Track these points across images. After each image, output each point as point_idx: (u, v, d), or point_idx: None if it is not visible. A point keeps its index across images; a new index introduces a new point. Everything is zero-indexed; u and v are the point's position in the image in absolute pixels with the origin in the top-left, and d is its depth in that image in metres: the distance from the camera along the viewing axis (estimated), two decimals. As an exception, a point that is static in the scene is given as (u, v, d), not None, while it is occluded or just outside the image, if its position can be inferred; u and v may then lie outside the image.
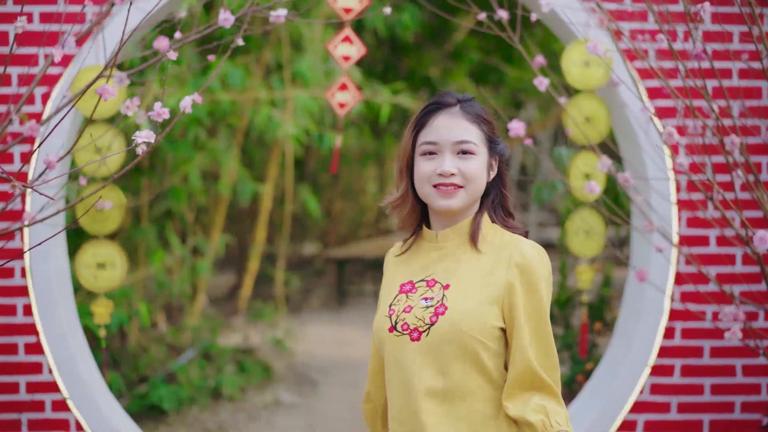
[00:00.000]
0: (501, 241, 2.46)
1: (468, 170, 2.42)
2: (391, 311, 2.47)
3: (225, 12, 3.25)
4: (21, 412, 4.30)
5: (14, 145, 3.50)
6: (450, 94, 2.51)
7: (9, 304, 4.30)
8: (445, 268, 2.46)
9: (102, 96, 2.78)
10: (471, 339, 2.35)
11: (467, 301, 2.38)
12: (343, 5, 4.45)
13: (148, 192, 8.06)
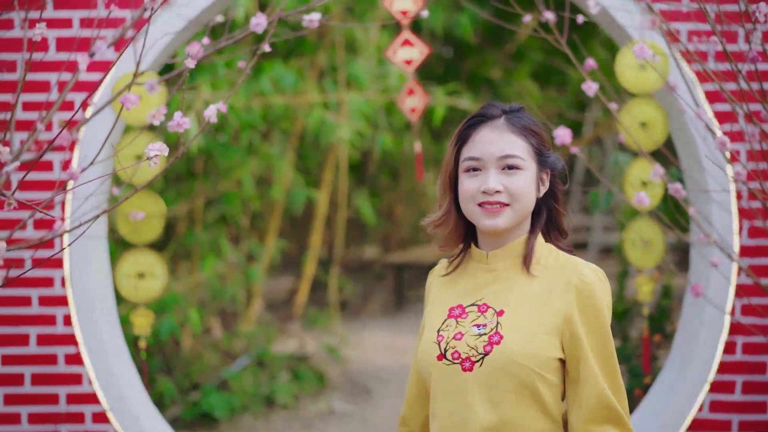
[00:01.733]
0: (557, 262, 2.32)
1: (514, 187, 2.27)
2: (440, 338, 2.30)
3: (257, 17, 3.15)
4: (60, 424, 4.25)
5: (46, 153, 3.42)
6: (495, 105, 2.35)
7: (49, 314, 4.25)
8: (498, 292, 2.31)
9: (124, 105, 2.69)
10: (529, 371, 2.21)
11: (524, 331, 2.23)
12: (400, 8, 4.31)
13: (202, 197, 8.01)
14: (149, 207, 4.25)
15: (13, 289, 4.23)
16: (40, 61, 4.18)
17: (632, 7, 4.02)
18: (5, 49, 4.17)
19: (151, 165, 2.17)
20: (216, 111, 2.65)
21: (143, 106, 3.88)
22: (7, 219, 4.14)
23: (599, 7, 3.55)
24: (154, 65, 4.18)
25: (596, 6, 3.51)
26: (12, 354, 4.25)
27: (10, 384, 4.25)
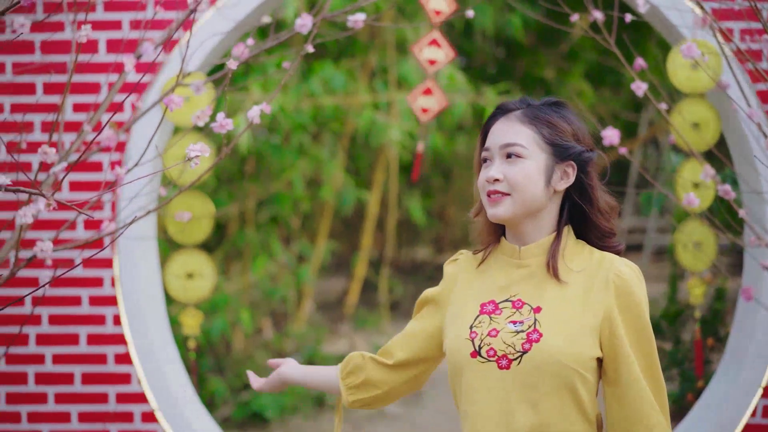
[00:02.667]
0: (591, 259, 2.25)
1: (512, 175, 2.21)
2: (473, 334, 2.22)
3: (302, 17, 3.14)
4: (110, 423, 4.28)
5: (94, 154, 3.45)
6: (524, 100, 2.32)
7: (98, 314, 4.28)
8: (532, 288, 2.24)
9: (168, 106, 2.69)
10: (570, 371, 2.15)
11: (565, 329, 2.17)
12: (434, 7, 4.30)
13: (254, 198, 8.04)
14: (197, 208, 4.27)
15: (64, 289, 4.28)
16: (90, 63, 4.21)
17: (684, 6, 3.96)
18: (55, 51, 4.22)
19: (192, 165, 2.16)
20: (259, 112, 2.64)
21: (191, 107, 3.90)
22: (58, 220, 4.18)
23: (648, 6, 3.49)
24: (202, 66, 4.19)
25: (645, 5, 3.45)
26: (62, 353, 4.29)
27: (61, 383, 4.30)
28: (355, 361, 2.56)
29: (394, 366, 2.50)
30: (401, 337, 2.52)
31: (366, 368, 2.53)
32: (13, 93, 4.22)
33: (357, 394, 2.54)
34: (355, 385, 2.54)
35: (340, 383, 2.55)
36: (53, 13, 4.07)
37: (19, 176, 4.03)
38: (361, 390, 2.54)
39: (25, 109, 4.20)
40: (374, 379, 2.52)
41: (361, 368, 2.54)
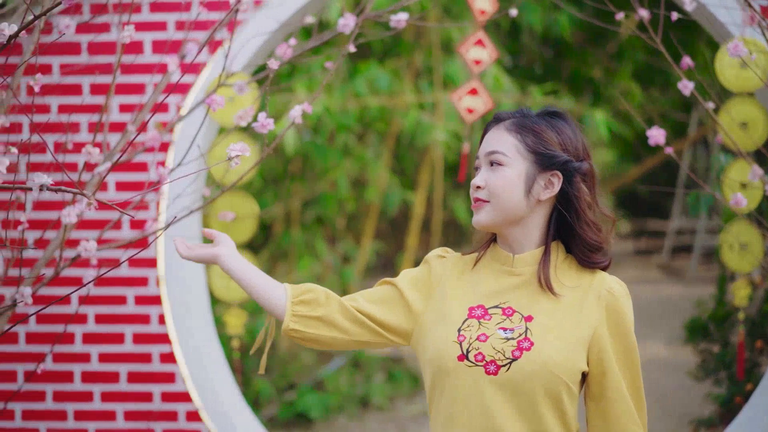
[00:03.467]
0: (583, 274, 2.26)
1: (492, 183, 2.21)
2: (461, 337, 2.19)
3: (345, 17, 3.14)
4: (155, 421, 4.31)
5: (138, 154, 3.47)
6: (520, 110, 2.32)
7: (143, 313, 4.32)
8: (524, 297, 2.23)
9: (211, 106, 2.70)
10: (559, 381, 2.14)
11: (556, 340, 2.16)
12: (479, 7, 4.28)
13: (299, 198, 8.07)
14: (242, 208, 4.28)
15: (110, 288, 4.31)
16: (136, 64, 4.25)
17: (731, 3, 3.90)
18: (101, 52, 4.25)
19: (233, 165, 2.17)
20: (301, 111, 2.64)
21: (235, 108, 3.91)
22: (103, 220, 4.21)
23: (695, 4, 3.44)
24: (247, 67, 4.21)
25: (692, 2, 3.40)
26: (108, 352, 4.33)
27: (107, 381, 4.33)
28: (316, 295, 2.38)
29: (361, 322, 2.36)
30: (378, 297, 2.39)
31: (327, 306, 2.36)
32: (60, 94, 4.26)
33: (302, 325, 2.35)
34: (305, 315, 2.35)
35: (288, 305, 2.36)
36: (99, 15, 4.11)
37: (65, 177, 4.07)
38: (309, 324, 2.34)
39: (72, 110, 4.24)
40: (332, 321, 2.35)
41: (319, 304, 2.36)
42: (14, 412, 4.34)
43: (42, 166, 3.96)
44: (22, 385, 4.24)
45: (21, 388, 4.24)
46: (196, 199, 4.16)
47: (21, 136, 4.16)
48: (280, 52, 3.18)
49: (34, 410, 4.35)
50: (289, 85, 5.10)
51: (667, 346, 10.01)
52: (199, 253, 2.46)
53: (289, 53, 3.18)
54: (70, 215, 2.72)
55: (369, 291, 2.42)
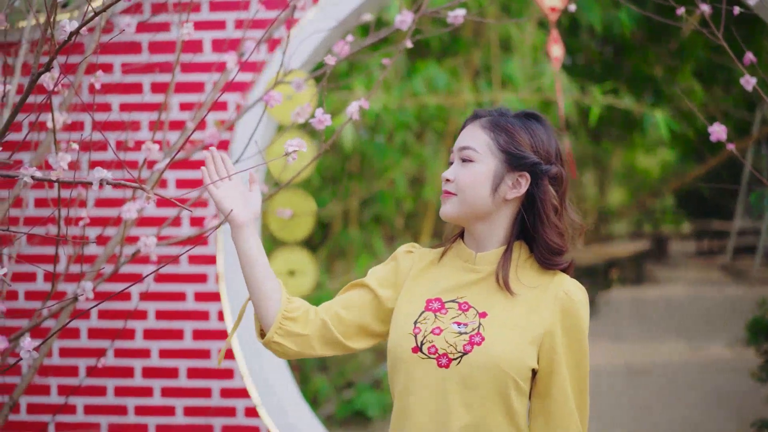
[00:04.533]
0: (543, 275, 2.28)
1: (460, 177, 2.26)
2: (417, 330, 2.24)
3: (403, 14, 3.13)
4: (213, 417, 4.34)
5: (196, 153, 3.50)
6: (498, 109, 2.35)
7: (203, 310, 4.35)
8: (481, 294, 2.27)
9: (268, 103, 2.72)
10: (506, 376, 2.17)
11: (507, 337, 2.20)
12: (550, 4, 4.23)
13: (357, 197, 8.08)
14: (299, 205, 4.30)
15: (170, 285, 4.35)
16: (196, 63, 4.28)
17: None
18: (162, 51, 4.30)
19: (290, 161, 2.18)
20: (358, 108, 2.65)
21: (293, 105, 3.92)
22: (163, 217, 4.26)
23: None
24: (305, 65, 4.23)
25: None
26: (168, 348, 4.37)
27: (167, 377, 4.37)
28: (306, 313, 2.34)
29: (347, 347, 2.36)
30: (355, 305, 2.37)
31: (314, 327, 2.34)
32: (121, 92, 4.31)
33: (286, 340, 2.32)
34: (291, 332, 2.32)
35: (278, 317, 2.31)
36: (159, 14, 4.15)
37: (126, 174, 4.12)
38: (294, 340, 2.32)
39: (133, 108, 4.29)
40: (315, 343, 2.34)
41: (306, 323, 2.33)
42: (76, 407, 4.40)
43: (103, 163, 4.00)
44: (83, 379, 4.30)
45: (82, 383, 4.31)
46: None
47: (83, 134, 4.21)
48: (337, 49, 3.18)
49: (96, 405, 4.40)
50: (347, 81, 5.12)
51: (729, 348, 9.90)
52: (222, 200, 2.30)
53: (346, 50, 3.18)
54: (130, 211, 2.75)
55: (344, 299, 2.40)
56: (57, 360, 4.41)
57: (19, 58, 3.74)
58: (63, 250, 4.17)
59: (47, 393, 4.41)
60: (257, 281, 2.31)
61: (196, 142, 3.91)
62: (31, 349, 2.27)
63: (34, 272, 4.40)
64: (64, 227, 3.25)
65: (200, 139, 4.01)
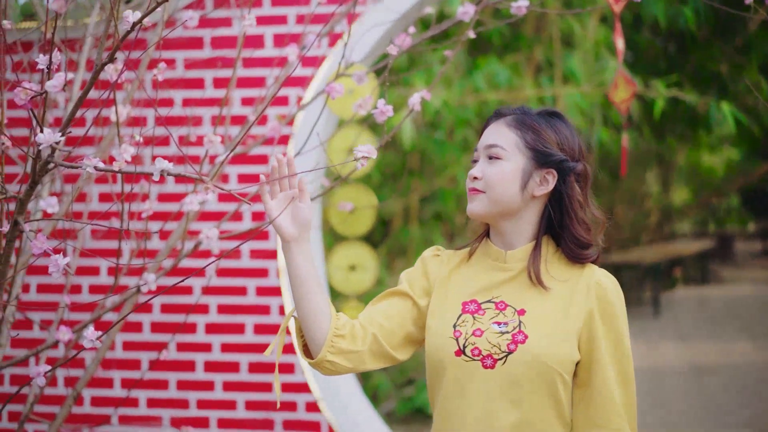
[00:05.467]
0: (572, 268, 2.30)
1: (488, 174, 2.25)
2: (457, 333, 2.24)
3: (465, 5, 3.10)
4: (275, 411, 4.35)
5: (259, 147, 3.50)
6: (521, 108, 2.35)
7: (264, 304, 4.36)
8: (516, 292, 2.28)
9: (330, 94, 2.70)
10: (552, 372, 2.19)
11: (548, 332, 2.21)
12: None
13: (417, 194, 8.05)
14: (360, 199, 4.29)
15: (231, 279, 4.37)
16: (257, 58, 4.29)
17: None
18: (224, 46, 4.32)
19: (359, 166, 2.19)
20: (419, 99, 2.63)
21: (354, 99, 3.91)
22: (224, 212, 4.27)
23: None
24: (366, 59, 4.22)
25: (826, -16, 3.26)
26: (230, 342, 4.39)
27: (228, 371, 4.39)
28: (352, 328, 2.28)
29: (395, 359, 2.35)
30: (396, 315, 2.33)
31: (366, 343, 2.28)
32: (183, 88, 4.34)
33: (338, 358, 2.25)
34: (343, 350, 2.25)
35: (329, 335, 2.23)
36: (222, 9, 4.17)
37: (188, 168, 4.14)
38: (345, 358, 2.25)
39: (195, 104, 4.32)
40: (367, 358, 2.29)
41: (355, 338, 2.27)
42: (138, 400, 4.44)
43: (165, 158, 4.02)
44: (146, 373, 4.33)
45: (143, 376, 4.34)
46: (315, 189, 4.18)
47: (144, 128, 4.25)
48: (398, 41, 3.17)
49: (158, 398, 4.44)
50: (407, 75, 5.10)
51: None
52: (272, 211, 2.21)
53: (408, 42, 3.16)
54: (192, 203, 2.76)
55: (384, 310, 2.35)
56: (120, 353, 4.45)
57: (83, 54, 3.78)
58: (126, 244, 4.21)
59: (110, 386, 4.46)
60: (307, 299, 2.23)
61: (257, 137, 3.92)
62: (94, 339, 2.28)
63: (97, 266, 4.45)
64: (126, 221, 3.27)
65: (261, 133, 4.02)
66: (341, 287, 4.43)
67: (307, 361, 2.26)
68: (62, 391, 4.45)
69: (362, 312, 2.34)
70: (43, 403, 4.43)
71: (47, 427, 3.38)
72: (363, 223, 4.34)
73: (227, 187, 4.31)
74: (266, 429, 4.37)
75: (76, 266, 4.36)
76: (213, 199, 2.88)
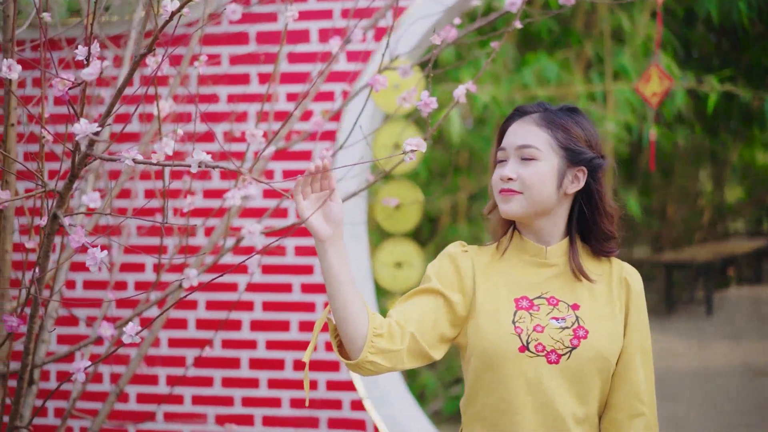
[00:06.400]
0: (602, 261, 2.37)
1: (526, 175, 2.27)
2: (518, 329, 2.24)
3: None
4: (319, 409, 4.31)
5: (297, 143, 3.47)
6: (541, 104, 2.37)
7: (309, 301, 4.33)
8: (563, 287, 2.31)
9: (373, 87, 2.66)
10: (610, 365, 2.27)
11: (604, 326, 2.28)
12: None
13: (466, 192, 7.98)
14: (406, 196, 4.24)
15: (276, 276, 4.34)
16: (302, 53, 4.26)
17: None
18: (270, 41, 4.29)
19: (407, 160, 2.17)
20: (464, 91, 2.57)
21: (400, 93, 3.86)
22: (267, 209, 4.25)
23: None
24: (412, 52, 4.17)
25: None
26: (274, 339, 4.36)
27: (273, 368, 4.36)
28: (389, 326, 2.20)
29: (431, 358, 2.29)
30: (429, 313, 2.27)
31: (405, 341, 2.22)
32: (228, 83, 4.32)
33: (378, 358, 2.17)
34: (383, 349, 2.17)
35: (368, 335, 2.15)
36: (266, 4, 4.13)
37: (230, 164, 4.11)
38: (384, 357, 2.19)
39: (240, 99, 4.29)
40: (405, 356, 2.22)
41: (392, 337, 2.21)
42: (183, 397, 4.42)
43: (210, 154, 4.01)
44: (190, 370, 4.32)
45: (186, 373, 4.32)
46: (361, 184, 4.14)
47: (185, 124, 4.24)
48: (443, 33, 3.11)
49: (203, 395, 4.42)
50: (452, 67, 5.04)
51: None
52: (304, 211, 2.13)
53: (453, 34, 3.11)
54: (233, 197, 2.72)
55: (418, 308, 2.28)
56: (165, 350, 4.44)
57: (128, 49, 3.77)
58: (171, 240, 4.19)
59: (155, 383, 4.45)
60: (343, 300, 2.16)
61: (301, 132, 3.89)
62: (133, 334, 2.26)
63: (143, 263, 4.44)
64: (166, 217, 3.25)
65: (305, 129, 3.98)
66: (387, 284, 4.38)
67: (345, 362, 2.20)
68: (107, 388, 4.46)
69: (392, 310, 2.28)
70: (87, 399, 4.43)
71: (90, 423, 3.37)
72: (409, 219, 4.29)
73: (271, 183, 4.27)
74: (311, 427, 4.34)
75: (121, 263, 4.35)
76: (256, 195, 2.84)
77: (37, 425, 4.50)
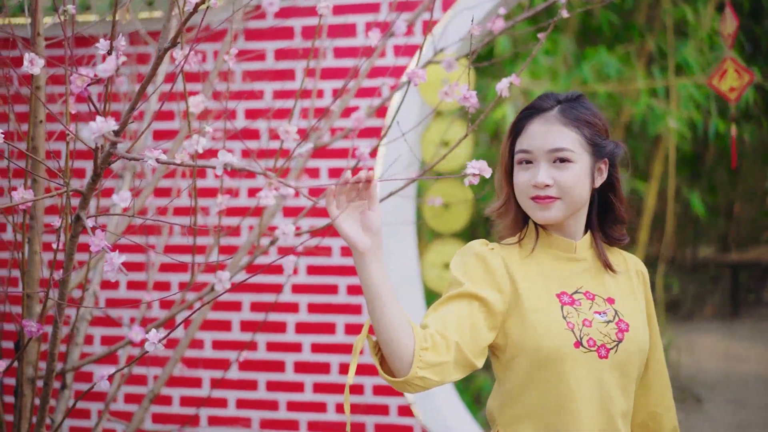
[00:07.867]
0: (613, 252, 2.36)
1: (564, 180, 2.19)
2: (570, 325, 2.17)
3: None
4: (366, 414, 4.20)
5: (338, 140, 3.36)
6: (550, 96, 2.28)
7: (355, 303, 4.22)
8: (594, 281, 2.28)
9: (411, 80, 2.54)
10: (645, 358, 2.27)
11: (639, 319, 2.27)
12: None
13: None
14: (455, 195, 4.10)
15: (322, 277, 4.24)
16: (348, 48, 4.15)
17: None
18: (313, 36, 4.19)
19: (466, 183, 2.12)
20: (508, 84, 2.43)
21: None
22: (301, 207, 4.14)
23: None
24: (461, 48, 4.04)
25: None
26: (320, 342, 4.26)
27: (319, 372, 4.26)
28: (432, 337, 2.05)
29: (474, 367, 2.14)
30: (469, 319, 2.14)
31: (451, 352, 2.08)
32: (272, 79, 4.22)
33: (427, 372, 2.02)
34: (431, 362, 2.02)
35: (416, 349, 2.00)
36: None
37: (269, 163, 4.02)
38: (433, 371, 2.03)
39: (285, 96, 4.19)
40: (452, 368, 2.08)
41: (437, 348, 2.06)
42: (227, 401, 4.33)
43: (250, 152, 3.92)
44: (230, 372, 4.23)
45: (225, 376, 4.23)
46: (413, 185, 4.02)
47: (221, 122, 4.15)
48: (490, 25, 2.98)
49: (247, 399, 4.33)
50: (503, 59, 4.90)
51: None
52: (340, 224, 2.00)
53: (500, 24, 2.97)
54: (267, 197, 2.61)
55: (457, 315, 2.13)
56: (209, 352, 4.36)
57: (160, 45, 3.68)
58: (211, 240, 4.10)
59: (198, 385, 4.37)
60: (389, 319, 2.00)
61: (343, 129, 3.78)
62: (156, 341, 2.15)
63: (186, 263, 4.36)
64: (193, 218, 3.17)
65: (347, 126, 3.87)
66: (435, 286, 4.25)
67: (390, 380, 2.03)
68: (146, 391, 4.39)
69: (427, 320, 2.11)
70: (129, 402, 4.37)
71: (125, 426, 3.29)
72: (458, 219, 4.15)
73: (318, 183, 4.17)
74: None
75: (160, 263, 4.27)
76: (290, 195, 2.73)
77: (75, 428, 4.45)
